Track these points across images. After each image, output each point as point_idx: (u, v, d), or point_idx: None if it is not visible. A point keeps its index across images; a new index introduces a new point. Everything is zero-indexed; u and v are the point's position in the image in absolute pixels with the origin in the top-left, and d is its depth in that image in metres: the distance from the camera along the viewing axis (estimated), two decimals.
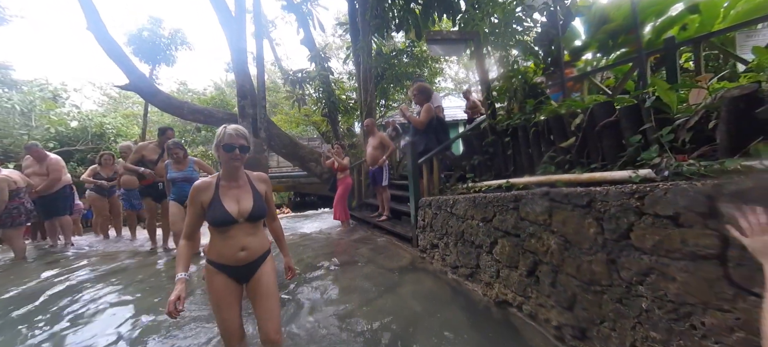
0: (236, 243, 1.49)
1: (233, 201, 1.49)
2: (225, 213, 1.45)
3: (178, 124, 17.30)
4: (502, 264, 2.11)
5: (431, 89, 4.04)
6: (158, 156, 4.20)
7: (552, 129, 2.43)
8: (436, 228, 2.98)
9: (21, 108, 10.05)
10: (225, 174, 1.53)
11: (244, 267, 1.54)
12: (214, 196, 1.47)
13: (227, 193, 1.50)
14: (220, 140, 1.46)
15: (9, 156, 8.98)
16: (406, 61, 9.10)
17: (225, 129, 1.48)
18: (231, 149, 1.45)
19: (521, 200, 1.91)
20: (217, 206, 1.46)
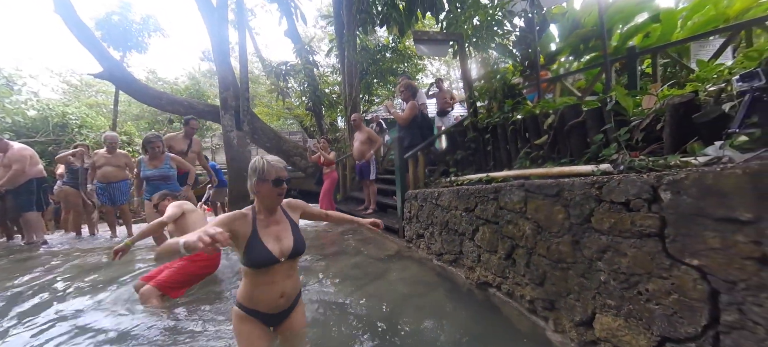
0: (276, 288, 1.36)
1: (273, 238, 1.34)
2: (266, 254, 1.28)
3: (147, 115, 16.51)
4: (483, 249, 2.33)
5: (417, 87, 4.21)
6: (187, 146, 4.19)
7: (528, 127, 2.67)
8: (422, 219, 3.17)
9: None
10: (263, 208, 1.37)
11: (280, 313, 1.41)
12: (253, 233, 1.31)
13: (267, 230, 1.34)
14: (265, 173, 1.31)
15: None
16: (390, 56, 9.23)
17: (266, 161, 1.33)
18: (280, 183, 1.32)
19: (500, 191, 2.12)
20: (256, 245, 1.29)
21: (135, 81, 6.08)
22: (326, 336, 2.01)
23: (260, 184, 1.33)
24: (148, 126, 15.83)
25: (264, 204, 1.38)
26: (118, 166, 4.61)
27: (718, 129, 1.43)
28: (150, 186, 3.56)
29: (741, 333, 1.09)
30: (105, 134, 4.74)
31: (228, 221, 1.30)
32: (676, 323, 1.26)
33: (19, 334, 2.13)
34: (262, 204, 1.38)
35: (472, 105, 3.36)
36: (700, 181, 1.17)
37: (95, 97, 18.66)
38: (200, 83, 16.22)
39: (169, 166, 3.62)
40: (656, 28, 3.97)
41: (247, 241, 1.31)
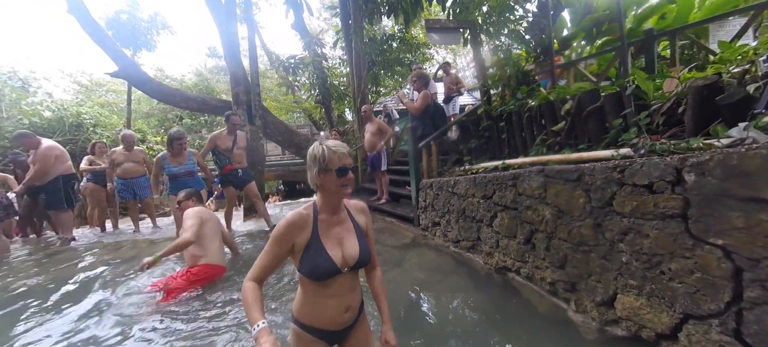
0: (340, 302, 1.14)
1: (336, 244, 1.12)
2: (328, 263, 1.07)
3: (157, 113, 16.76)
4: (502, 235, 2.38)
5: (429, 76, 4.21)
6: (232, 143, 4.10)
7: (544, 114, 2.68)
8: (438, 208, 3.22)
9: None
10: (326, 205, 1.14)
11: (344, 329, 1.19)
12: (313, 236, 1.09)
13: (328, 232, 1.12)
14: (326, 162, 1.08)
15: None
16: (396, 46, 9.18)
17: (326, 147, 1.09)
18: (345, 172, 1.08)
19: (519, 178, 2.16)
20: (317, 252, 1.08)
21: (150, 79, 6.20)
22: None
23: (322, 175, 1.09)
24: (158, 123, 16.08)
25: (327, 200, 1.14)
26: (137, 161, 4.78)
27: (741, 111, 1.44)
28: (175, 183, 3.61)
29: (763, 308, 1.14)
30: (123, 133, 4.89)
31: (287, 232, 1.08)
32: (699, 300, 1.31)
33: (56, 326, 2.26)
34: (325, 201, 1.14)
35: (486, 93, 3.36)
36: (725, 163, 1.20)
37: (105, 96, 18.98)
38: (208, 80, 16.34)
39: (192, 162, 3.69)
40: (672, 9, 3.88)
41: (306, 246, 1.09)
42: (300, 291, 1.18)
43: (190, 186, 3.68)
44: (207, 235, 2.67)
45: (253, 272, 1.10)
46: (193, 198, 2.90)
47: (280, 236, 1.08)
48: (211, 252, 2.69)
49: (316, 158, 1.10)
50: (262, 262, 1.10)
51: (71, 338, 2.03)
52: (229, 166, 4.07)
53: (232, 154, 4.05)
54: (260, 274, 1.10)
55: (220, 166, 4.13)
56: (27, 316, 2.35)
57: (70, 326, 2.18)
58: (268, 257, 1.10)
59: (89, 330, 2.11)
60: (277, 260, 1.11)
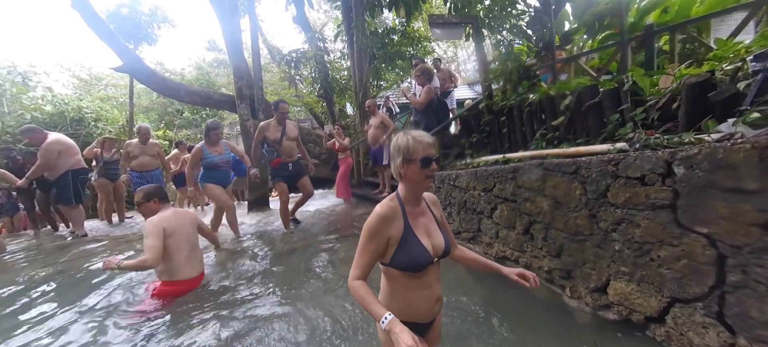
0: (432, 292, 1.14)
1: (424, 234, 1.12)
2: (425, 253, 1.07)
3: (157, 107, 16.77)
4: (501, 226, 2.47)
5: (433, 71, 4.26)
6: (281, 133, 3.78)
7: (544, 109, 2.75)
8: (440, 200, 3.31)
9: None
10: (411, 196, 1.13)
11: (431, 321, 1.19)
12: (406, 229, 1.08)
13: (416, 223, 1.12)
14: (411, 152, 1.06)
15: None
16: (397, 40, 9.17)
17: (411, 137, 1.08)
18: (429, 163, 1.06)
19: (519, 171, 2.24)
20: (412, 243, 1.07)
21: (154, 74, 6.24)
22: (353, 308, 2.16)
23: (407, 166, 1.08)
24: (158, 117, 16.12)
25: (411, 190, 1.12)
26: (152, 155, 4.83)
27: (732, 107, 1.51)
28: (214, 172, 3.56)
29: (744, 291, 1.23)
30: (138, 126, 4.93)
31: (380, 226, 1.06)
32: (685, 285, 1.40)
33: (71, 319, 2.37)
34: (409, 191, 1.12)
35: (487, 88, 3.42)
36: (712, 156, 1.28)
37: (105, 90, 18.99)
38: (209, 74, 16.32)
39: (228, 151, 3.66)
40: (675, 3, 3.91)
41: (401, 239, 1.07)
42: (387, 288, 1.14)
43: (226, 175, 3.76)
44: (171, 249, 2.32)
45: (355, 271, 1.08)
46: (155, 199, 2.45)
47: (375, 230, 1.06)
48: (176, 267, 2.36)
49: (400, 149, 1.08)
50: (362, 260, 1.07)
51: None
52: (277, 159, 3.80)
53: (281, 147, 3.76)
54: (363, 272, 1.08)
55: (268, 159, 3.88)
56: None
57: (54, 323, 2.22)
58: (366, 254, 1.07)
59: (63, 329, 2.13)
60: (375, 256, 1.08)
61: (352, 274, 1.08)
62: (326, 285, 2.54)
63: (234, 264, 3.10)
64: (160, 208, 2.42)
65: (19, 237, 5.09)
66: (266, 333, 1.95)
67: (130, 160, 4.74)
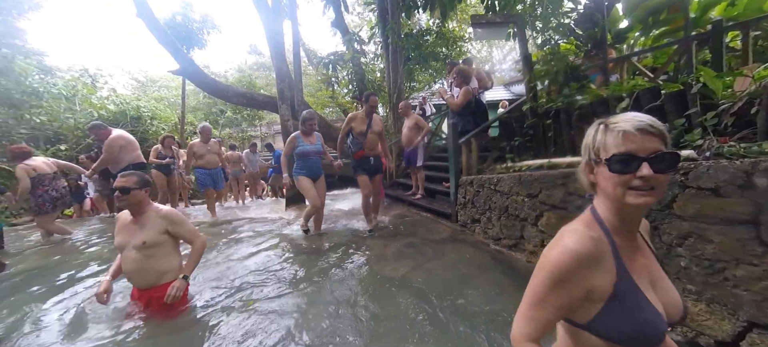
0: None
1: (649, 285, 0.71)
2: (655, 318, 0.66)
3: (202, 107, 18.02)
4: (548, 234, 2.38)
5: (470, 72, 4.20)
6: (367, 126, 3.68)
7: (596, 112, 2.61)
8: (479, 205, 3.26)
9: (65, 93, 10.74)
10: (619, 223, 0.71)
11: None
12: (623, 278, 0.68)
13: (634, 266, 0.70)
14: (598, 144, 0.71)
15: (59, 138, 9.80)
16: (430, 40, 9.10)
17: (603, 123, 0.72)
18: (631, 163, 0.65)
19: (570, 177, 2.15)
20: (635, 302, 0.67)
21: (206, 76, 6.75)
22: (392, 307, 2.18)
23: (593, 169, 0.73)
24: (203, 116, 17.30)
25: (618, 213, 0.70)
26: (216, 153, 5.17)
27: None
28: (304, 161, 3.64)
29: None
30: (201, 126, 5.25)
31: (579, 272, 0.66)
32: (767, 309, 1.27)
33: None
34: (615, 214, 0.71)
35: (532, 89, 3.31)
36: None
37: (159, 91, 20.78)
38: (250, 76, 17.26)
39: (320, 143, 3.74)
40: None
41: (613, 293, 0.67)
42: None
43: (317, 164, 3.79)
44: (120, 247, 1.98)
45: (525, 328, 0.70)
46: (147, 188, 1.99)
47: (567, 275, 0.66)
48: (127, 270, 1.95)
49: (586, 144, 0.74)
50: (539, 315, 0.69)
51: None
52: (360, 152, 3.72)
53: (365, 139, 3.69)
54: (538, 332, 0.69)
55: (351, 150, 3.80)
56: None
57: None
58: (547, 308, 0.68)
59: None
60: (561, 312, 0.69)
61: (521, 332, 0.71)
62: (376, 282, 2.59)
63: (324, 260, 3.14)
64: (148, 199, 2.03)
65: (88, 220, 5.73)
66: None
67: (197, 158, 5.05)
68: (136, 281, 1.98)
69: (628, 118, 0.68)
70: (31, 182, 3.87)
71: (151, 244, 1.91)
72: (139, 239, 1.90)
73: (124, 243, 1.94)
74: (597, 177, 0.73)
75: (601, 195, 0.74)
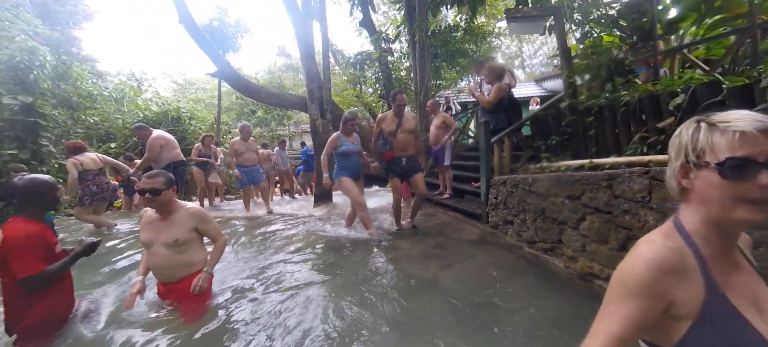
0: None
1: (753, 307, 0.60)
2: (761, 345, 0.57)
3: (235, 107, 18.87)
4: (590, 239, 2.24)
5: (503, 68, 4.05)
6: (396, 126, 3.52)
7: (644, 108, 2.43)
8: (512, 206, 3.14)
9: (115, 96, 11.62)
10: (714, 236, 0.62)
11: None
12: (713, 295, 0.59)
13: (731, 284, 0.61)
14: (703, 144, 0.61)
15: (110, 137, 10.64)
16: (458, 36, 8.90)
17: (706, 121, 0.62)
18: (751, 169, 0.55)
19: (616, 179, 2.01)
20: (733, 324, 0.58)
21: (241, 77, 7.07)
22: (422, 306, 2.14)
23: (693, 173, 0.63)
24: (236, 117, 18.10)
25: (715, 227, 0.62)
26: (254, 151, 5.37)
27: None
28: (345, 161, 3.59)
29: None
30: (241, 124, 5.45)
31: (659, 283, 0.58)
32: None
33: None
34: (710, 226, 0.62)
35: (571, 85, 3.14)
36: None
37: (196, 93, 22.03)
38: (279, 77, 17.82)
39: (358, 143, 3.70)
40: None
41: (702, 312, 0.59)
42: None
43: (357, 164, 3.69)
44: (147, 244, 2.02)
45: (589, 345, 0.62)
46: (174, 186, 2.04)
47: (640, 285, 0.59)
48: (155, 265, 2.00)
49: (681, 142, 0.65)
50: (608, 330, 0.60)
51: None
52: (389, 153, 3.56)
53: (395, 139, 3.50)
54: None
55: (380, 152, 3.66)
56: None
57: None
58: (617, 323, 0.59)
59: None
60: (637, 328, 0.59)
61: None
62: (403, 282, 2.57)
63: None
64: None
65: (136, 214, 6.17)
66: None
67: (237, 156, 5.23)
68: (163, 276, 2.01)
69: (742, 116, 0.58)
70: (78, 176, 4.18)
71: (183, 242, 1.96)
72: (171, 236, 1.93)
73: (151, 239, 1.96)
74: (694, 183, 0.62)
75: (696, 205, 0.63)
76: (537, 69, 26.87)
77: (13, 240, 1.61)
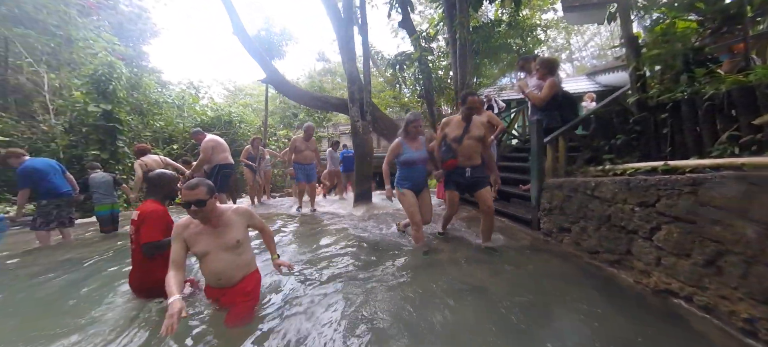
0: None
1: None
2: None
3: (278, 111, 19.89)
4: (668, 251, 1.99)
5: (556, 61, 3.77)
6: (463, 131, 3.08)
7: (735, 103, 2.10)
8: (570, 212, 2.90)
9: (177, 103, 12.83)
10: None
11: None
12: None
13: None
14: None
15: (172, 139, 11.77)
16: (501, 31, 8.48)
17: None
18: None
19: (703, 184, 1.75)
20: None
21: (287, 83, 7.45)
22: (469, 313, 2.04)
23: None
24: (279, 120, 19.08)
25: None
26: (313, 150, 5.63)
27: None
28: (411, 170, 3.16)
29: None
30: (305, 125, 5.77)
31: None
32: None
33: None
34: None
35: (639, 78, 2.82)
36: None
37: (244, 99, 23.63)
38: (320, 81, 18.46)
39: (425, 148, 3.24)
40: None
41: None
42: None
43: (422, 173, 3.27)
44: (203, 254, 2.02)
45: None
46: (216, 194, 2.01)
47: None
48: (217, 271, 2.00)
49: None
50: None
51: None
52: (452, 161, 3.10)
53: (459, 146, 3.07)
54: None
55: (443, 159, 3.20)
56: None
57: None
58: None
59: None
60: None
61: None
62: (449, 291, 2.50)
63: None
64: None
65: None
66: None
67: (296, 153, 5.50)
68: (223, 281, 1.96)
69: None
70: (142, 175, 4.67)
71: (243, 241, 1.99)
72: (232, 239, 1.94)
73: (208, 247, 1.90)
74: None
75: None
76: (587, 61, 24.83)
77: (148, 213, 2.14)
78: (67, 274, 3.11)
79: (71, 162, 7.03)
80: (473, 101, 3.12)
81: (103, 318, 2.20)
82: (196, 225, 1.91)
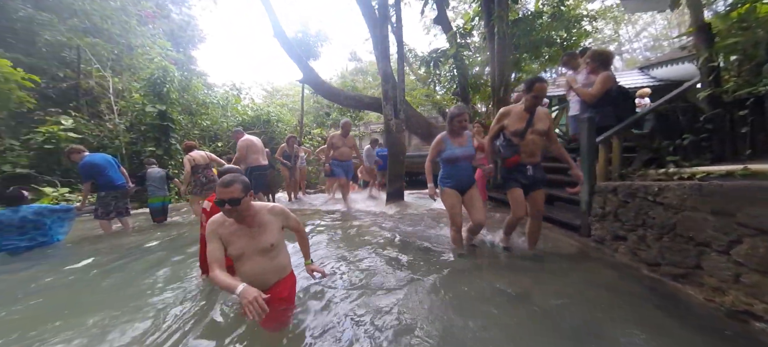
0: None
1: None
2: None
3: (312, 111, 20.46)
4: (750, 268, 1.74)
5: (610, 54, 3.46)
6: (526, 123, 2.71)
7: None
8: (626, 219, 2.65)
9: (221, 103, 13.69)
10: None
11: None
12: None
13: None
14: None
15: (217, 137, 12.57)
16: (543, 23, 7.98)
17: None
18: None
19: None
20: None
21: (323, 82, 7.67)
22: (513, 324, 1.94)
23: None
24: (313, 119, 19.64)
25: None
26: (350, 146, 5.74)
27: None
28: (454, 168, 2.93)
29: None
30: (342, 121, 5.87)
31: None
32: None
33: None
34: None
35: (711, 70, 2.50)
36: None
37: (281, 99, 24.61)
38: (353, 80, 18.76)
39: (471, 144, 2.98)
40: None
41: None
42: None
43: (467, 171, 3.03)
44: (239, 255, 1.94)
45: None
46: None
47: None
48: (254, 273, 1.87)
49: None
50: None
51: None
52: (514, 158, 2.74)
53: (522, 140, 2.72)
54: None
55: (503, 155, 2.82)
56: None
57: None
58: None
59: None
60: None
61: None
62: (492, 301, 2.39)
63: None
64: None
65: None
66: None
67: (334, 149, 5.61)
68: (257, 285, 1.72)
69: None
70: (191, 169, 5.00)
71: (278, 244, 1.88)
72: (267, 241, 1.83)
73: (243, 249, 1.80)
74: None
75: None
76: (639, 54, 22.78)
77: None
78: (135, 261, 3.44)
79: (131, 157, 7.79)
80: (541, 88, 2.59)
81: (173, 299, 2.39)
82: (231, 224, 1.80)
